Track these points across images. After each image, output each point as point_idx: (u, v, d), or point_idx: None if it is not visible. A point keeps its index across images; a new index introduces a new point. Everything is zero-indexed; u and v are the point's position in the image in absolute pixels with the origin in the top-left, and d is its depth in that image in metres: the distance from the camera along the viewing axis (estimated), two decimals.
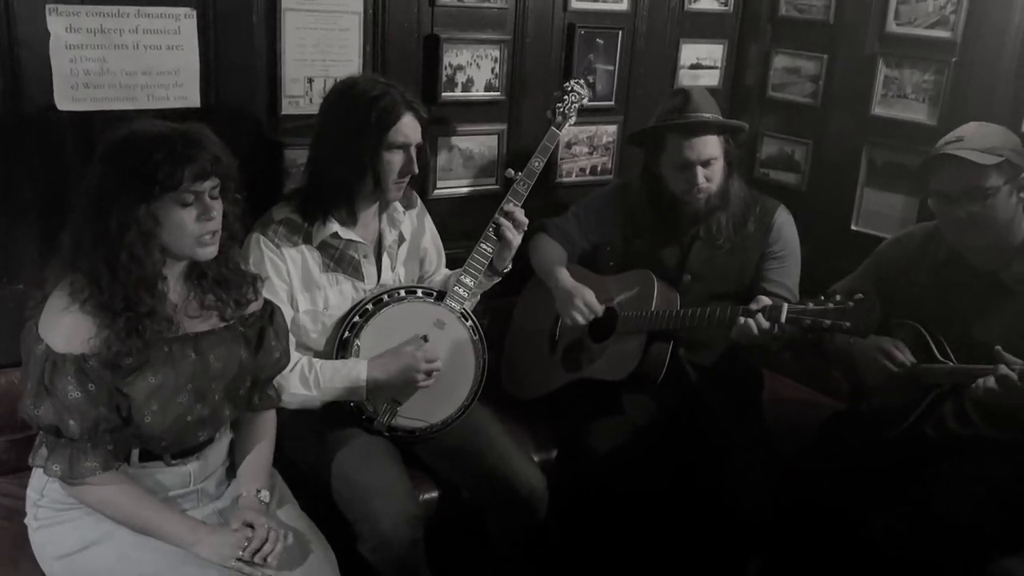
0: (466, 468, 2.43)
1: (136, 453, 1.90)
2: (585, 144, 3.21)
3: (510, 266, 2.56)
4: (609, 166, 3.28)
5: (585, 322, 2.66)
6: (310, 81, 2.58)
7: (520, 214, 2.48)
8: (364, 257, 2.39)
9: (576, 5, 3.01)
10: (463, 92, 2.86)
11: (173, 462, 1.94)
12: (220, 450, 2.04)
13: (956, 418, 2.30)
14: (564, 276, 2.74)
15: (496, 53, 2.88)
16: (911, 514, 2.29)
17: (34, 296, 1.86)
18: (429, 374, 2.33)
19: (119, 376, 1.78)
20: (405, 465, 2.36)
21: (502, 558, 2.51)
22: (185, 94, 2.39)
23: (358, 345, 2.34)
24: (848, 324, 2.18)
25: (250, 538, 1.83)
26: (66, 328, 1.74)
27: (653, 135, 2.64)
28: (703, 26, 3.35)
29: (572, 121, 2.70)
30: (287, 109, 2.57)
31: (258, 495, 1.95)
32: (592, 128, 3.19)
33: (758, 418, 2.75)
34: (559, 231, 2.87)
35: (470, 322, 2.48)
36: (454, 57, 2.80)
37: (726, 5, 3.37)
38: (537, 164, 2.55)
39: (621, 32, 3.13)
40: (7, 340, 2.26)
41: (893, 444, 2.38)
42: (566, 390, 2.77)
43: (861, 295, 2.18)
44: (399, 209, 2.46)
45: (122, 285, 1.74)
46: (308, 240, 2.31)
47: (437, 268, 2.63)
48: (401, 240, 2.49)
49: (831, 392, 3.05)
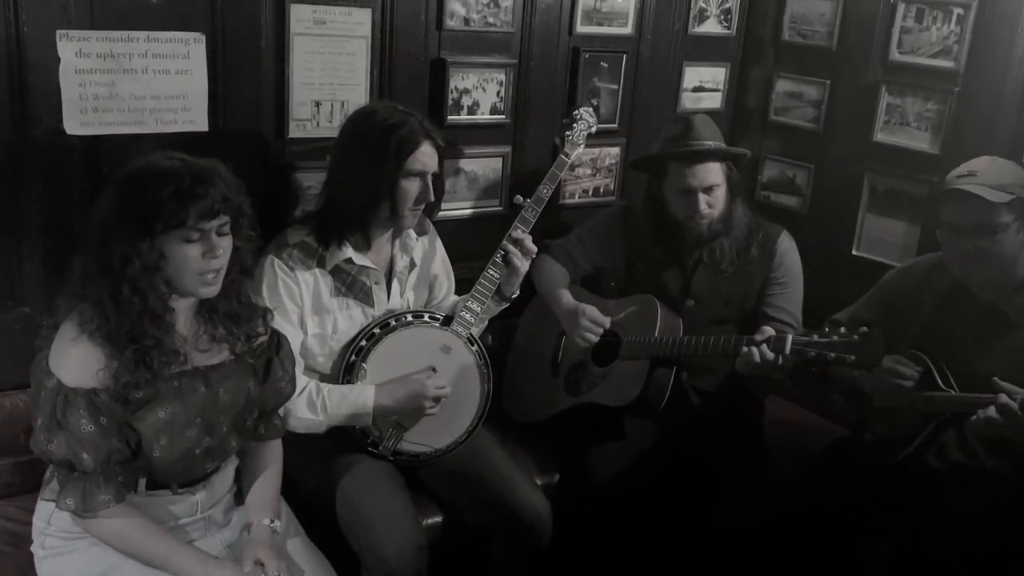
0: (470, 493, 2.43)
1: (143, 482, 1.89)
2: (588, 166, 3.22)
3: (518, 292, 2.56)
4: (612, 188, 3.29)
5: (595, 339, 2.66)
6: (317, 105, 2.59)
7: (528, 241, 2.49)
8: (376, 283, 2.39)
9: (581, 29, 3.03)
10: (469, 115, 2.87)
11: (180, 491, 1.93)
12: (226, 478, 2.04)
13: (958, 447, 2.31)
14: (567, 297, 2.75)
15: (502, 77, 2.89)
16: (910, 543, 2.31)
17: (42, 322, 1.86)
18: (436, 401, 2.33)
19: (129, 410, 1.78)
20: (409, 489, 2.37)
21: None
22: (193, 118, 2.39)
23: (365, 369, 2.34)
24: (853, 357, 2.19)
25: None
26: (75, 360, 1.74)
27: (655, 162, 2.65)
28: (706, 49, 3.37)
29: (581, 149, 2.72)
30: (294, 132, 2.58)
31: (271, 525, 1.95)
32: (595, 150, 3.21)
33: (758, 443, 2.77)
34: (562, 253, 2.88)
35: (476, 347, 2.49)
36: (460, 81, 2.81)
37: (729, 29, 3.39)
38: (546, 191, 2.56)
39: (625, 56, 3.15)
40: (13, 363, 2.27)
41: (894, 472, 2.40)
42: (568, 413, 2.77)
43: (866, 328, 2.19)
44: (411, 235, 2.47)
45: (127, 317, 1.74)
46: (322, 264, 2.32)
47: (447, 294, 2.63)
48: (412, 266, 2.49)
49: (832, 416, 3.07)
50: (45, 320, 1.85)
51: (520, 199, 2.56)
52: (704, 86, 3.41)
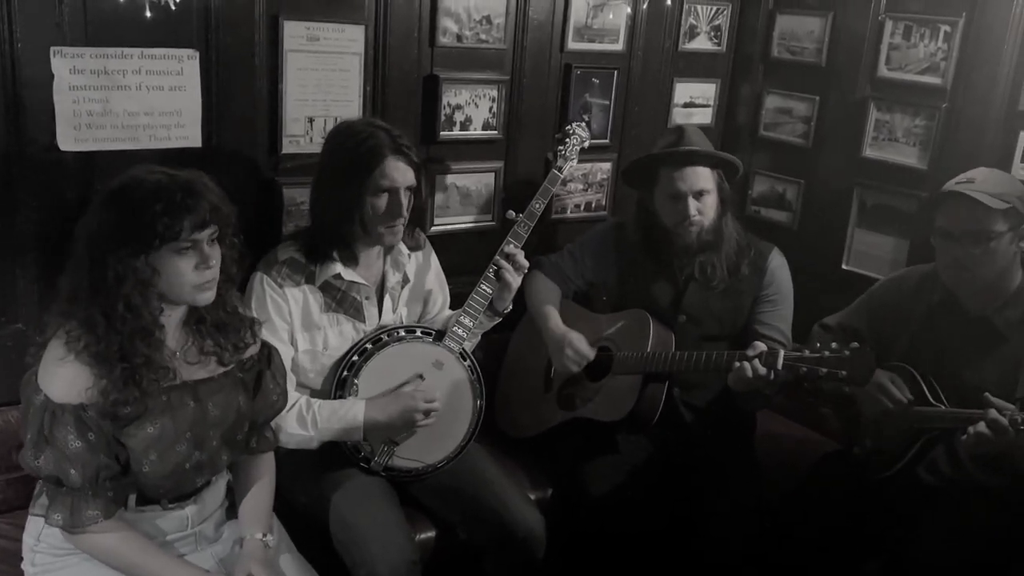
0: (463, 508, 2.43)
1: (133, 498, 1.89)
2: (580, 181, 3.24)
3: (511, 306, 2.57)
4: (604, 203, 3.31)
5: (577, 370, 2.68)
6: (311, 121, 2.60)
7: (520, 256, 2.49)
8: (366, 299, 2.39)
9: (572, 46, 3.05)
10: (461, 131, 2.88)
11: (170, 506, 1.93)
12: (217, 492, 2.04)
13: (948, 462, 2.32)
14: (555, 321, 2.75)
15: (494, 93, 2.91)
16: (902, 557, 2.31)
17: (33, 340, 1.85)
18: (427, 415, 2.33)
19: (117, 426, 1.78)
20: (401, 505, 2.36)
21: None
22: (187, 134, 2.39)
23: (357, 385, 2.34)
24: (844, 373, 2.19)
25: None
26: (63, 378, 1.74)
27: (647, 167, 2.67)
28: (696, 66, 3.40)
29: (573, 163, 2.73)
30: (288, 148, 2.59)
31: (263, 539, 1.95)
32: (587, 165, 3.22)
33: (750, 457, 2.77)
34: (554, 269, 2.88)
35: (468, 362, 2.49)
36: (453, 97, 2.83)
37: (719, 45, 3.42)
38: (538, 206, 2.57)
39: (616, 72, 3.17)
40: (5, 379, 2.27)
41: (884, 487, 2.41)
42: (561, 428, 2.77)
43: (857, 344, 2.20)
44: (403, 251, 2.46)
45: (118, 335, 1.74)
46: (311, 280, 2.32)
47: (441, 308, 2.63)
48: (405, 281, 2.49)
49: (822, 429, 3.08)
50: (36, 337, 1.85)
51: (512, 214, 2.57)
52: (695, 102, 3.43)
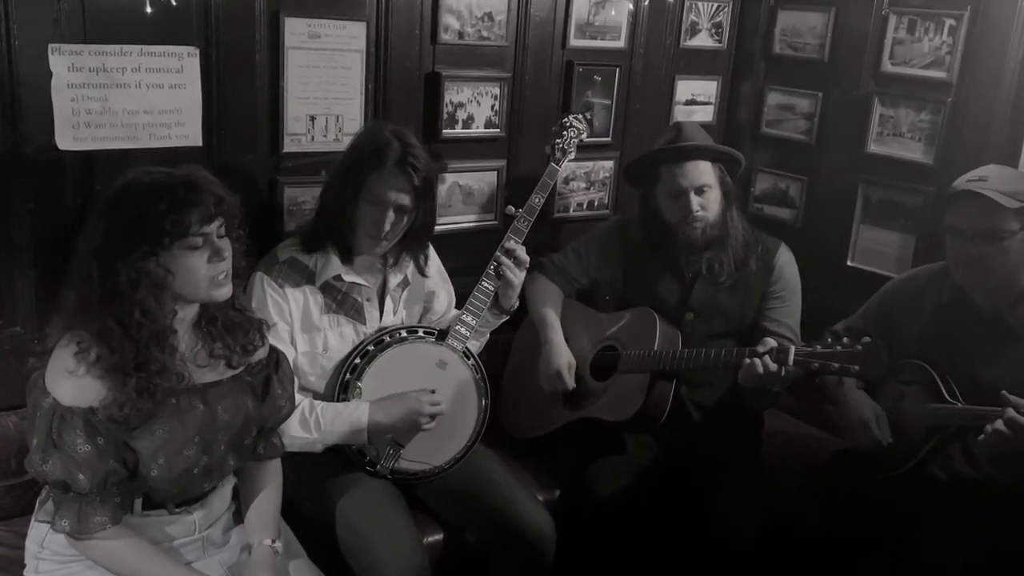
0: (471, 510, 2.40)
1: (139, 502, 1.86)
2: (582, 179, 3.21)
3: (517, 303, 2.54)
4: (606, 201, 3.28)
5: (551, 391, 2.65)
6: (312, 119, 2.56)
7: (521, 252, 2.47)
8: (367, 300, 2.36)
9: (574, 43, 3.02)
10: (464, 129, 2.85)
11: (177, 510, 1.90)
12: (224, 496, 2.01)
13: (964, 460, 2.31)
14: (553, 332, 2.71)
15: (496, 90, 2.88)
16: (912, 556, 2.29)
17: (31, 345, 1.82)
18: (432, 417, 2.30)
19: (126, 430, 1.74)
20: (408, 508, 2.33)
21: None
22: (187, 133, 2.36)
23: (360, 387, 2.31)
24: (857, 368, 2.18)
25: None
26: (74, 387, 1.70)
27: (648, 166, 2.65)
28: (698, 63, 3.38)
29: (572, 156, 2.71)
30: (289, 147, 2.55)
31: (272, 545, 1.92)
32: (589, 163, 3.20)
33: (758, 456, 2.75)
34: (557, 269, 2.86)
35: (472, 361, 2.46)
36: (455, 94, 2.80)
37: (720, 42, 3.40)
38: (537, 200, 2.55)
39: (618, 69, 3.15)
40: (3, 384, 2.23)
41: (896, 485, 2.38)
42: (567, 429, 2.74)
43: (869, 338, 2.18)
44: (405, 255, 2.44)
45: (134, 342, 1.70)
46: (311, 281, 2.29)
47: (448, 308, 2.60)
48: (406, 284, 2.46)
49: (830, 428, 3.06)
50: (37, 345, 1.81)
51: (512, 209, 2.54)
52: (696, 99, 3.41)
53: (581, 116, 2.78)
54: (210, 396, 1.86)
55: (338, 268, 2.30)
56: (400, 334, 2.38)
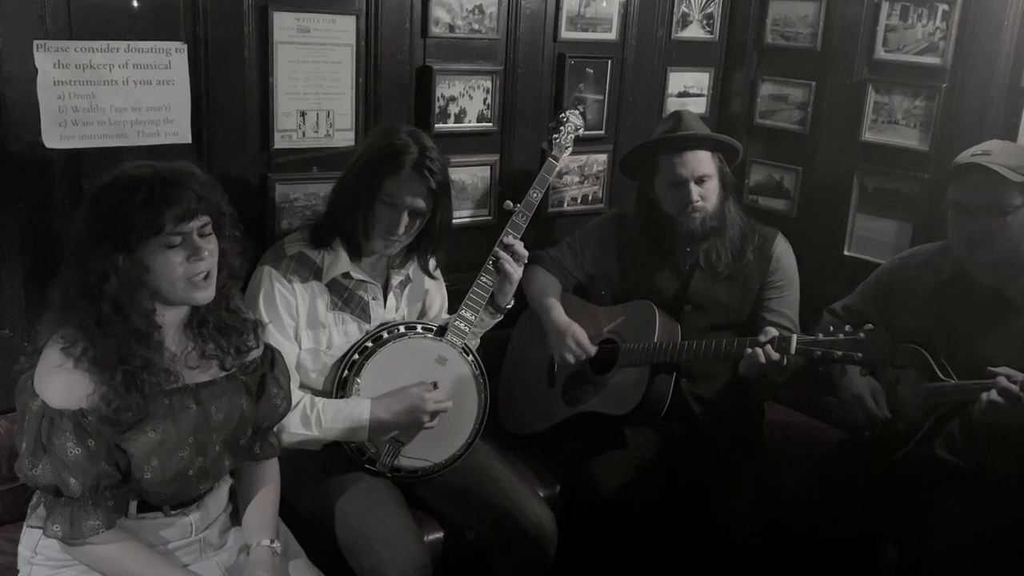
0: (471, 508, 2.37)
1: (134, 505, 1.82)
2: (576, 173, 3.19)
3: (512, 302, 2.52)
4: (600, 195, 3.26)
5: (575, 362, 2.63)
6: (303, 115, 2.53)
7: (520, 247, 2.45)
8: (373, 299, 2.34)
9: (566, 35, 3.00)
10: (456, 123, 2.83)
11: (173, 513, 1.86)
12: (220, 497, 1.97)
13: (963, 437, 2.29)
14: (558, 312, 2.70)
15: (488, 84, 2.86)
16: (919, 540, 2.27)
17: (20, 346, 1.78)
18: (434, 414, 2.27)
19: (118, 431, 1.70)
20: (408, 507, 2.29)
21: None
22: (176, 130, 2.32)
23: (358, 383, 2.28)
24: (860, 355, 2.16)
25: None
26: (62, 385, 1.66)
27: (646, 157, 2.63)
28: (689, 55, 3.36)
29: (569, 151, 2.69)
30: (280, 143, 2.52)
31: (271, 546, 1.88)
32: (583, 157, 3.17)
33: (758, 448, 2.73)
34: (554, 263, 2.83)
35: (471, 357, 2.43)
36: (447, 88, 2.77)
37: (712, 34, 3.38)
38: (536, 195, 2.52)
39: (610, 61, 3.13)
40: None
41: (897, 469, 2.36)
42: (567, 424, 2.72)
43: (871, 326, 2.17)
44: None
45: (112, 338, 1.67)
46: (319, 277, 2.27)
47: (439, 312, 2.57)
48: (408, 281, 2.44)
49: (829, 419, 3.04)
50: (26, 345, 1.77)
51: (510, 204, 2.52)
52: (689, 91, 3.39)
53: (577, 111, 2.77)
54: (203, 396, 1.82)
55: (346, 265, 2.28)
56: (399, 330, 2.35)
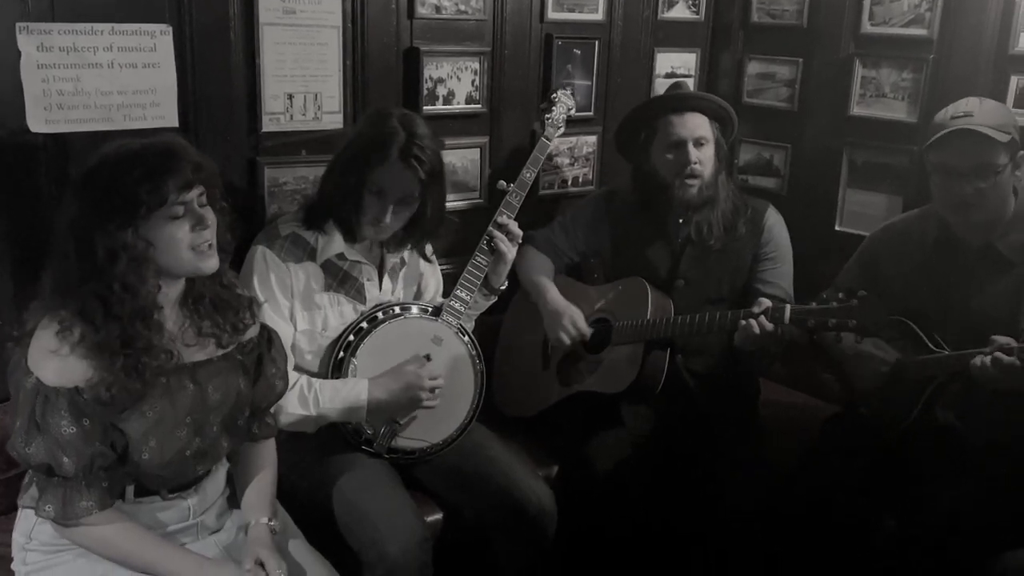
0: (470, 488, 2.35)
1: (131, 489, 1.79)
2: (566, 155, 3.18)
3: (506, 283, 2.51)
4: (590, 177, 3.25)
5: (570, 343, 2.62)
6: (290, 97, 2.51)
7: (514, 226, 2.45)
8: (368, 280, 2.32)
9: (552, 15, 2.99)
10: (444, 105, 2.81)
11: (170, 496, 1.84)
12: (218, 481, 1.95)
13: (959, 407, 2.28)
14: (552, 293, 2.69)
15: (476, 65, 2.84)
16: (914, 516, 2.27)
17: (9, 335, 1.74)
18: (432, 392, 2.26)
19: (114, 411, 1.68)
20: (406, 488, 2.28)
21: None
22: (163, 113, 2.30)
23: (354, 364, 2.26)
24: (854, 322, 2.16)
25: None
26: (58, 368, 1.64)
27: (643, 124, 2.63)
28: (676, 35, 3.35)
29: (561, 131, 2.69)
30: (268, 126, 2.50)
31: (269, 524, 1.86)
32: (572, 139, 3.16)
33: (754, 424, 2.73)
34: (546, 242, 2.82)
35: (467, 337, 2.42)
36: (434, 70, 2.75)
37: (697, 14, 3.38)
38: (529, 175, 2.52)
39: (597, 42, 3.12)
40: None
41: (894, 444, 2.36)
42: (562, 404, 2.71)
43: (864, 292, 2.16)
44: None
45: (117, 319, 1.64)
46: (313, 258, 2.25)
47: (434, 296, 2.55)
48: (403, 264, 2.42)
49: (824, 396, 3.04)
50: (15, 333, 1.74)
51: (503, 184, 2.51)
52: (676, 72, 3.38)
53: (568, 91, 2.77)
54: (200, 375, 1.80)
55: (340, 246, 2.26)
56: (394, 310, 2.34)
